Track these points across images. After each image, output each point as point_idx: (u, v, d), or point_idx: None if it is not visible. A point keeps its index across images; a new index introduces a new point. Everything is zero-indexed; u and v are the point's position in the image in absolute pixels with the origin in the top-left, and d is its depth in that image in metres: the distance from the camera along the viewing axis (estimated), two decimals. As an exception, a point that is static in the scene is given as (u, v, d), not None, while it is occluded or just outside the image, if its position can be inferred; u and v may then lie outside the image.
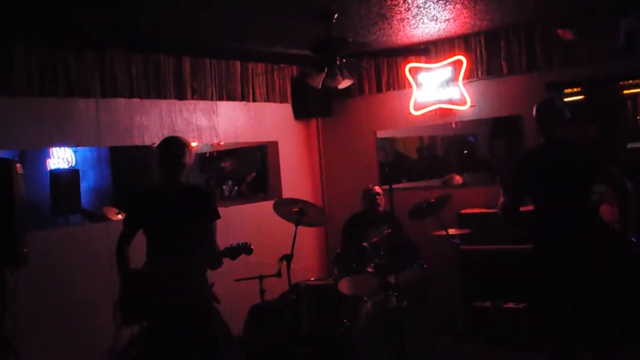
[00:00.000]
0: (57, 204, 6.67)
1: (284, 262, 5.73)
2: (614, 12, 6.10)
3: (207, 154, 8.14)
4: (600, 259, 4.31)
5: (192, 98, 6.81)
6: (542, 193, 4.49)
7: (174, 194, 4.48)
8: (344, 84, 5.82)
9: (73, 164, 7.36)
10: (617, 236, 4.52)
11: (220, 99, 7.12)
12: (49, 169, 7.10)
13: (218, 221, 4.56)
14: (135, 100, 6.29)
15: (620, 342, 4.94)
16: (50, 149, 6.93)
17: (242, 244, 4.66)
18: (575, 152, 4.45)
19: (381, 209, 6.71)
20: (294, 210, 5.97)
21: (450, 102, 7.24)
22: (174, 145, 4.49)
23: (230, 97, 7.23)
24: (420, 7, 5.57)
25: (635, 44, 6.09)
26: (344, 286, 5.91)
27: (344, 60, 5.67)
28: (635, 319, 5.35)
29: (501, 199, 4.69)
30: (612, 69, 6.38)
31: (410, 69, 7.46)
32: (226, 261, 4.63)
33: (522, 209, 4.71)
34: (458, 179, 7.64)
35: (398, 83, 7.74)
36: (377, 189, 6.80)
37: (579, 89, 7.11)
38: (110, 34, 5.64)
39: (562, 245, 4.35)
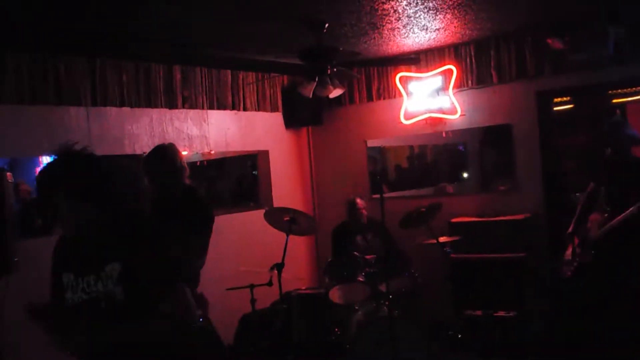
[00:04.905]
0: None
1: (275, 271, 5.70)
2: (603, 20, 6.14)
3: (198, 163, 8.11)
4: None
5: (183, 107, 6.79)
6: None
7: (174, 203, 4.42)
8: (335, 93, 5.82)
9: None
10: None
11: (211, 107, 7.10)
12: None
13: None
14: (126, 109, 6.26)
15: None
16: (41, 157, 6.91)
17: None
18: None
19: (364, 219, 6.77)
20: (285, 219, 5.94)
21: (441, 111, 7.26)
22: (167, 152, 4.49)
23: (221, 106, 7.22)
24: (410, 17, 5.58)
25: (624, 52, 6.12)
26: (335, 295, 5.91)
27: (335, 69, 5.68)
28: None
29: None
30: (601, 78, 6.41)
31: (400, 78, 7.48)
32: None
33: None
34: (449, 188, 7.65)
35: (388, 92, 7.75)
36: (358, 201, 6.82)
37: (568, 98, 7.16)
38: (100, 42, 5.62)
39: None
